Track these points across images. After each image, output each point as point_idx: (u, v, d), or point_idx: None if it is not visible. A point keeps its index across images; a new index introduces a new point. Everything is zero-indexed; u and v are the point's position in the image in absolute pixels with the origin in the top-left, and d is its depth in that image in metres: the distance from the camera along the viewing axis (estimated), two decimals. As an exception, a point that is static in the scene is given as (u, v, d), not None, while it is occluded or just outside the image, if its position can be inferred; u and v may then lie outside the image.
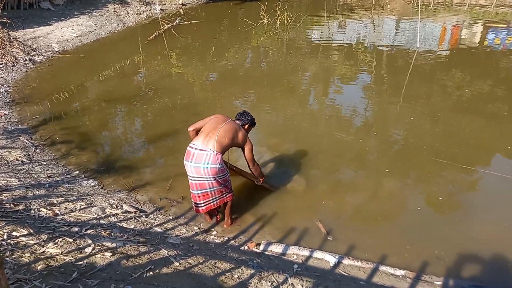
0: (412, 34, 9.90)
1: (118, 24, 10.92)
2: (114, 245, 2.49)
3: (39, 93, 6.33)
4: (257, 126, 3.72)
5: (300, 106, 6.03)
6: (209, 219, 3.46)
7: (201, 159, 2.96)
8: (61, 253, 2.28)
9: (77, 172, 4.15)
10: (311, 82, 7.17)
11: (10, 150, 4.25)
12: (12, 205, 2.87)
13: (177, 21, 11.20)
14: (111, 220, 3.05)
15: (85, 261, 2.24)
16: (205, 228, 3.34)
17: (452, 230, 3.31)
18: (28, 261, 2.14)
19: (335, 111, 5.77)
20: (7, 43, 7.55)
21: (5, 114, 5.41)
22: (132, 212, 3.32)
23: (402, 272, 2.80)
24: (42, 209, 2.92)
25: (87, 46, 9.17)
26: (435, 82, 6.76)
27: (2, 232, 2.39)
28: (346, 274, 2.77)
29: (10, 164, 3.91)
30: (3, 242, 2.28)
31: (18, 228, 2.49)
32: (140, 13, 12.25)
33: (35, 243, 2.34)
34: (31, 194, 3.21)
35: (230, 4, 14.49)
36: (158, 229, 3.12)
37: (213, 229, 3.35)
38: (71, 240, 2.45)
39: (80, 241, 2.47)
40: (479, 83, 6.67)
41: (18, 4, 9.61)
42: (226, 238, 3.20)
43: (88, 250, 2.37)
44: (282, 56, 8.68)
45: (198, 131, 3.19)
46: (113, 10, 11.51)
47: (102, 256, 2.32)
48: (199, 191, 3.10)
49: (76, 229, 2.67)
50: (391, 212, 3.58)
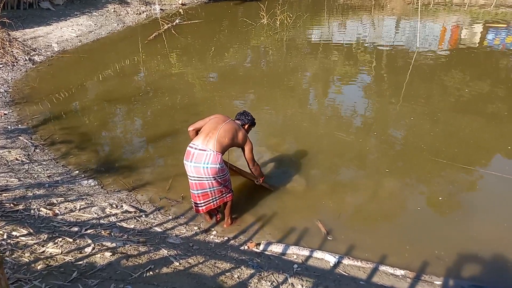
0: (412, 34, 9.90)
1: (118, 24, 10.92)
2: (114, 245, 2.49)
3: (39, 93, 6.33)
4: (257, 126, 3.72)
5: (300, 106, 6.03)
6: (209, 219, 3.46)
7: (201, 159, 2.96)
8: (61, 253, 2.28)
9: (77, 172, 4.15)
10: (311, 82, 7.17)
11: (10, 150, 4.25)
12: (12, 205, 2.87)
13: (177, 21, 11.19)
14: (111, 220, 3.05)
15: (85, 261, 2.24)
16: (205, 228, 3.34)
17: (452, 230, 3.31)
18: (28, 261, 2.13)
19: (335, 111, 5.78)
20: (7, 43, 7.55)
21: (5, 114, 5.41)
22: (132, 212, 3.32)
23: (402, 272, 2.81)
24: (42, 209, 2.92)
25: (87, 46, 9.17)
26: (435, 82, 6.76)
27: (2, 232, 2.39)
28: (346, 274, 2.77)
29: (10, 164, 3.91)
30: (3, 242, 2.27)
31: (18, 228, 2.48)
32: (140, 13, 12.24)
33: (35, 243, 2.34)
34: (31, 194, 3.20)
35: (230, 4, 14.49)
36: (158, 229, 3.12)
37: (213, 229, 3.35)
38: (71, 240, 2.45)
39: (80, 241, 2.47)
40: (479, 83, 6.67)
41: (18, 4, 9.60)
42: (226, 238, 3.20)
43: (88, 250, 2.37)
44: (282, 56, 8.68)
45: (198, 131, 3.19)
46: (113, 10, 11.50)
47: (102, 256, 2.32)
48: (199, 191, 3.10)
49: (76, 229, 2.67)
50: (391, 212, 3.58)
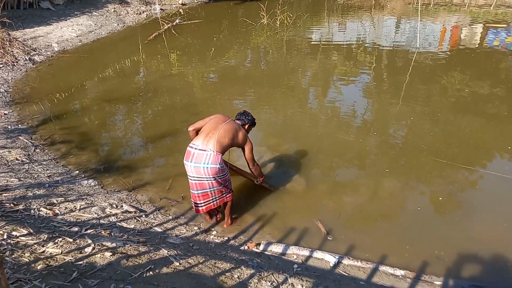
0: (412, 34, 9.90)
1: (118, 24, 10.92)
2: (114, 245, 2.49)
3: (39, 93, 6.33)
4: (257, 126, 3.72)
5: (300, 106, 6.03)
6: (209, 219, 3.46)
7: (201, 159, 2.96)
8: (61, 253, 2.28)
9: (77, 172, 4.15)
10: (311, 82, 7.17)
11: (10, 150, 4.25)
12: (12, 205, 2.87)
13: (177, 21, 11.19)
14: (111, 220, 3.05)
15: (85, 261, 2.24)
16: (205, 228, 3.34)
17: (452, 230, 3.31)
18: (28, 261, 2.13)
19: (335, 111, 5.78)
20: (7, 43, 7.55)
21: (5, 114, 5.41)
22: (132, 212, 3.32)
23: (402, 272, 2.81)
24: (42, 209, 2.92)
25: (87, 46, 9.17)
26: (435, 82, 6.76)
27: (2, 232, 2.39)
28: (346, 274, 2.77)
29: (10, 164, 3.91)
30: (3, 242, 2.27)
31: (18, 228, 2.49)
32: (140, 13, 12.25)
33: (35, 243, 2.34)
34: (31, 194, 3.20)
35: (230, 4, 14.49)
36: (158, 229, 3.12)
37: (213, 229, 3.35)
38: (71, 240, 2.45)
39: (80, 241, 2.47)
40: (479, 83, 6.67)
41: (18, 4, 9.60)
42: (226, 238, 3.20)
43: (88, 250, 2.37)
44: (282, 56, 8.68)
45: (198, 131, 3.19)
46: (113, 10, 11.50)
47: (102, 256, 2.32)
48: (199, 191, 3.10)
49: (76, 229, 2.67)
50: (391, 212, 3.59)
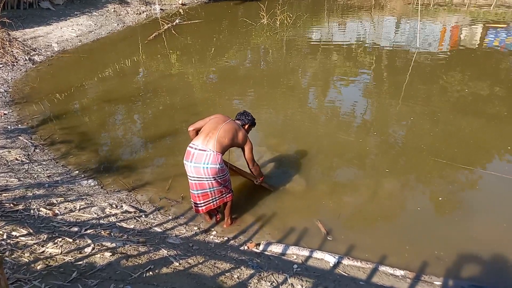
0: (412, 34, 9.90)
1: (118, 24, 10.92)
2: (114, 245, 2.49)
3: (39, 93, 6.33)
4: (257, 126, 3.72)
5: (300, 106, 6.03)
6: (209, 219, 3.45)
7: (201, 159, 2.96)
8: (61, 253, 2.28)
9: (77, 172, 4.15)
10: (311, 82, 7.17)
11: (10, 150, 4.25)
12: (12, 205, 2.87)
13: (177, 21, 11.19)
14: (111, 220, 3.05)
15: (85, 261, 2.24)
16: (205, 228, 3.34)
17: (452, 230, 3.31)
18: (28, 261, 2.13)
19: (335, 111, 5.78)
20: (7, 43, 7.54)
21: (5, 114, 5.41)
22: (132, 212, 3.32)
23: (402, 272, 2.81)
24: (42, 209, 2.92)
25: (87, 46, 9.17)
26: (435, 82, 6.76)
27: (2, 232, 2.39)
28: (346, 274, 2.77)
29: (10, 164, 3.91)
30: (3, 242, 2.27)
31: (18, 228, 2.48)
32: (140, 13, 12.25)
33: (35, 243, 2.34)
34: (31, 194, 3.20)
35: (230, 4, 14.49)
36: (158, 229, 3.12)
37: (213, 229, 3.35)
38: (71, 240, 2.45)
39: (80, 241, 2.47)
40: (479, 84, 6.67)
41: (18, 4, 9.60)
42: (226, 238, 3.20)
43: (88, 250, 2.36)
44: (282, 56, 8.68)
45: (198, 131, 3.19)
46: (113, 10, 11.50)
47: (102, 256, 2.32)
48: (199, 191, 3.10)
49: (76, 229, 2.67)
50: (391, 212, 3.58)
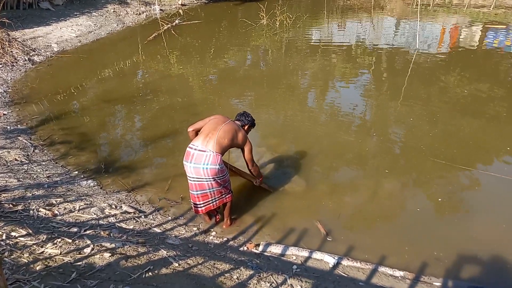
0: (412, 35, 9.91)
1: (118, 24, 10.92)
2: (113, 246, 2.48)
3: (38, 93, 6.32)
4: (257, 127, 3.72)
5: (300, 107, 6.03)
6: (208, 220, 3.45)
7: (201, 160, 2.96)
8: (60, 254, 2.27)
9: (76, 173, 4.15)
10: (311, 83, 7.17)
11: (9, 150, 4.25)
12: (11, 205, 2.86)
13: (177, 22, 11.19)
14: (110, 221, 3.05)
15: (84, 262, 2.24)
16: (204, 229, 3.34)
17: (451, 231, 3.31)
18: (27, 262, 2.13)
19: (335, 112, 5.78)
20: (7, 43, 7.54)
21: (4, 114, 5.40)
22: (131, 213, 3.32)
23: (401, 273, 2.81)
24: (41, 210, 2.91)
25: (87, 46, 9.16)
26: (434, 83, 6.77)
27: (1, 233, 2.38)
28: (345, 275, 2.77)
29: (9, 164, 3.90)
30: (2, 243, 2.27)
31: (17, 229, 2.48)
32: (140, 14, 12.24)
33: (34, 244, 2.33)
34: (30, 195, 3.20)
35: (230, 5, 14.49)
36: (157, 230, 3.11)
37: (212, 230, 3.35)
38: (70, 241, 2.45)
39: (79, 242, 2.47)
40: (478, 84, 6.68)
41: (18, 4, 9.59)
42: (225, 239, 3.20)
43: (87, 251, 2.36)
44: (282, 57, 8.69)
45: (198, 132, 3.19)
46: (113, 10, 11.50)
47: (101, 257, 2.32)
48: (199, 192, 3.10)
49: (75, 230, 2.67)
50: (391, 213, 3.59)
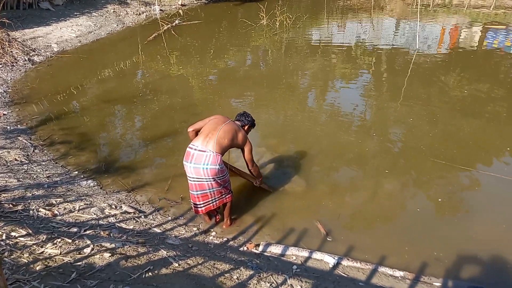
0: (412, 36, 9.92)
1: (118, 25, 10.92)
2: (113, 246, 2.48)
3: (38, 93, 6.32)
4: (257, 127, 3.72)
5: (300, 107, 6.03)
6: (208, 220, 3.45)
7: (201, 160, 2.96)
8: (60, 254, 2.27)
9: (76, 173, 4.15)
10: (311, 83, 7.17)
11: (9, 150, 4.25)
12: (11, 205, 2.86)
13: (177, 22, 11.19)
14: (110, 221, 3.05)
15: (84, 262, 2.24)
16: (204, 229, 3.34)
17: (451, 231, 3.31)
18: (27, 262, 2.13)
19: (335, 112, 5.78)
20: (6, 43, 7.54)
21: (4, 114, 5.40)
22: (131, 213, 3.31)
23: (401, 273, 2.81)
24: (41, 210, 2.91)
25: (87, 47, 9.16)
26: (434, 83, 6.78)
27: (1, 233, 2.38)
28: (345, 275, 2.77)
29: (9, 164, 3.90)
30: (2, 243, 2.27)
31: (17, 229, 2.48)
32: (140, 14, 12.25)
33: (34, 244, 2.33)
34: (30, 195, 3.20)
35: (230, 5, 14.49)
36: (157, 230, 3.11)
37: (212, 230, 3.35)
38: (70, 241, 2.45)
39: (79, 242, 2.47)
40: (478, 85, 6.68)
41: (18, 4, 9.59)
42: (225, 239, 3.20)
43: (87, 251, 2.36)
44: (282, 57, 8.69)
45: (198, 132, 3.19)
46: (113, 11, 11.50)
47: (101, 257, 2.32)
48: (199, 192, 3.10)
49: (75, 230, 2.67)
50: (391, 213, 3.59)
